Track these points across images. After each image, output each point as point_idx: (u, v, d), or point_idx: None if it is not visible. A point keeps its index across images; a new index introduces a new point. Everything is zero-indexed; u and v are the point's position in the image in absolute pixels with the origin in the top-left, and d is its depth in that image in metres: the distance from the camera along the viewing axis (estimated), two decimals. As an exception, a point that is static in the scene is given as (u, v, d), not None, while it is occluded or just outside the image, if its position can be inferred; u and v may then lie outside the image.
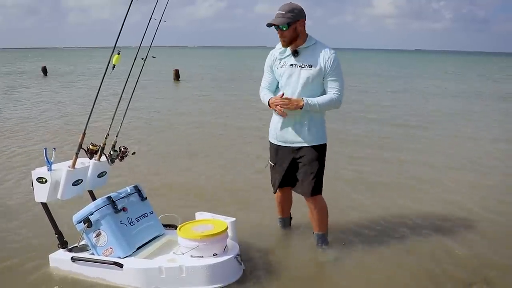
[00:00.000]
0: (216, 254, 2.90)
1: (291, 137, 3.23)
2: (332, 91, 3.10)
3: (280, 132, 3.27)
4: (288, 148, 3.28)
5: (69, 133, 8.03)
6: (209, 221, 3.14)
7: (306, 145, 3.21)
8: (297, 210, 3.78)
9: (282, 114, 3.11)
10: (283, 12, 3.00)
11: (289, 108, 3.06)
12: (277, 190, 3.55)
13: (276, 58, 3.24)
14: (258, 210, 4.30)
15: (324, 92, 3.16)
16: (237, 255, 3.00)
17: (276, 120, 3.31)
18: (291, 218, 3.81)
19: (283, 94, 3.11)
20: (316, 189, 3.27)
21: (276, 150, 3.37)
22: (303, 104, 3.03)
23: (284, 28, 3.01)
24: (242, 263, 3.03)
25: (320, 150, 3.24)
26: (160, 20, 3.33)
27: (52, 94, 14.93)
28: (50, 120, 9.68)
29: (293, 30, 3.03)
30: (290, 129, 3.21)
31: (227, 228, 3.01)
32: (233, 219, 3.21)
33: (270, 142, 3.43)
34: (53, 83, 19.65)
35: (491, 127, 9.41)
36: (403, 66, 40.11)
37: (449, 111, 11.71)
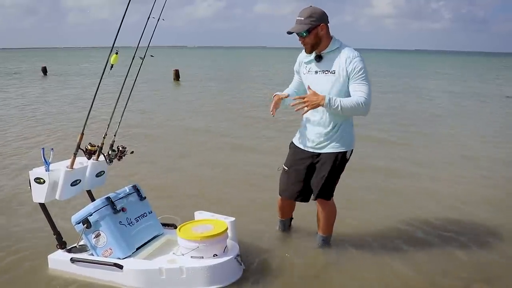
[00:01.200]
0: (216, 255, 2.88)
1: (314, 142, 3.15)
2: (358, 95, 2.86)
3: (305, 135, 3.21)
4: (308, 153, 3.21)
5: (62, 132, 8.01)
6: (209, 221, 3.12)
7: (327, 151, 3.13)
8: (297, 211, 3.75)
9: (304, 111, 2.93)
10: (302, 18, 2.90)
11: (309, 107, 2.86)
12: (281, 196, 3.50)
13: (302, 62, 3.18)
14: (258, 209, 4.28)
15: None
16: (237, 255, 2.98)
17: (303, 123, 3.25)
18: (291, 218, 3.78)
19: (308, 87, 2.96)
20: (326, 193, 3.22)
21: (295, 153, 3.30)
22: (324, 103, 2.83)
23: (303, 35, 2.93)
24: (242, 263, 3.01)
25: (341, 157, 3.14)
26: (159, 19, 3.30)
27: (51, 93, 14.90)
28: (45, 118, 9.65)
29: (314, 36, 2.92)
30: (316, 134, 3.13)
31: (227, 228, 3.00)
32: (233, 219, 3.19)
33: (292, 143, 3.36)
34: (52, 83, 19.61)
35: (480, 128, 9.41)
36: (402, 66, 40.11)
37: (442, 111, 11.72)
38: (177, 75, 20.80)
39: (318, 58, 3.02)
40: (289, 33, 2.96)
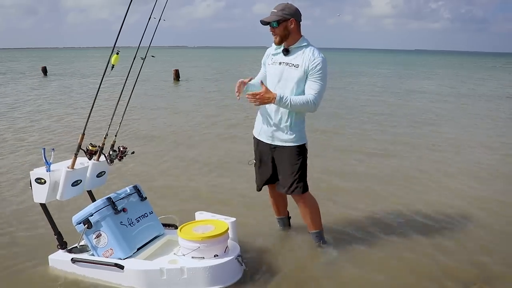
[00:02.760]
0: (217, 255, 2.88)
1: (270, 134, 3.24)
2: (309, 93, 3.06)
3: (262, 127, 3.30)
4: (267, 145, 3.29)
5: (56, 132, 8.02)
6: (210, 221, 3.12)
7: (283, 144, 3.21)
8: (295, 209, 3.75)
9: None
10: (275, 11, 3.09)
11: (258, 103, 3.03)
12: (268, 190, 3.57)
13: (270, 54, 3.30)
14: (258, 210, 4.27)
15: None
16: (238, 255, 2.98)
17: (259, 114, 3.35)
18: (289, 217, 3.79)
19: (261, 82, 3.09)
20: (299, 188, 3.25)
21: (257, 145, 3.39)
22: (275, 101, 3.00)
23: (274, 25, 3.08)
24: (243, 264, 3.01)
25: (299, 151, 3.22)
26: (160, 19, 3.30)
27: (52, 93, 14.89)
28: (41, 119, 9.65)
29: (283, 28, 3.07)
30: (270, 125, 3.22)
31: (228, 229, 3.00)
32: (233, 219, 3.19)
33: (253, 136, 3.44)
34: (52, 83, 19.60)
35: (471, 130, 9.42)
36: (399, 66, 40.15)
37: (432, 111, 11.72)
38: (177, 75, 20.82)
39: (286, 51, 3.17)
40: (262, 22, 3.10)
